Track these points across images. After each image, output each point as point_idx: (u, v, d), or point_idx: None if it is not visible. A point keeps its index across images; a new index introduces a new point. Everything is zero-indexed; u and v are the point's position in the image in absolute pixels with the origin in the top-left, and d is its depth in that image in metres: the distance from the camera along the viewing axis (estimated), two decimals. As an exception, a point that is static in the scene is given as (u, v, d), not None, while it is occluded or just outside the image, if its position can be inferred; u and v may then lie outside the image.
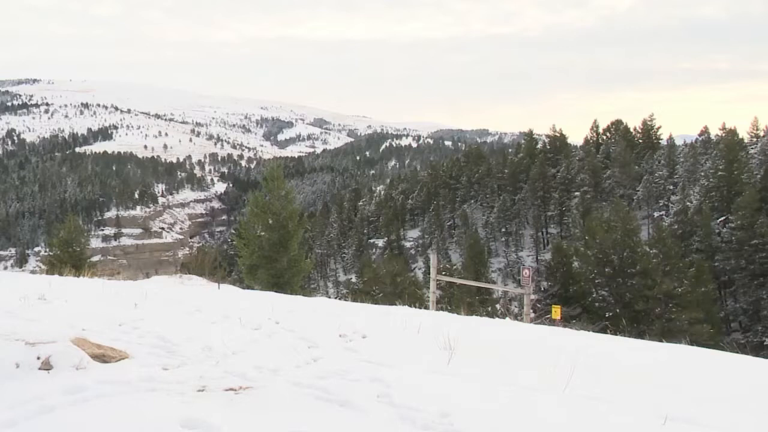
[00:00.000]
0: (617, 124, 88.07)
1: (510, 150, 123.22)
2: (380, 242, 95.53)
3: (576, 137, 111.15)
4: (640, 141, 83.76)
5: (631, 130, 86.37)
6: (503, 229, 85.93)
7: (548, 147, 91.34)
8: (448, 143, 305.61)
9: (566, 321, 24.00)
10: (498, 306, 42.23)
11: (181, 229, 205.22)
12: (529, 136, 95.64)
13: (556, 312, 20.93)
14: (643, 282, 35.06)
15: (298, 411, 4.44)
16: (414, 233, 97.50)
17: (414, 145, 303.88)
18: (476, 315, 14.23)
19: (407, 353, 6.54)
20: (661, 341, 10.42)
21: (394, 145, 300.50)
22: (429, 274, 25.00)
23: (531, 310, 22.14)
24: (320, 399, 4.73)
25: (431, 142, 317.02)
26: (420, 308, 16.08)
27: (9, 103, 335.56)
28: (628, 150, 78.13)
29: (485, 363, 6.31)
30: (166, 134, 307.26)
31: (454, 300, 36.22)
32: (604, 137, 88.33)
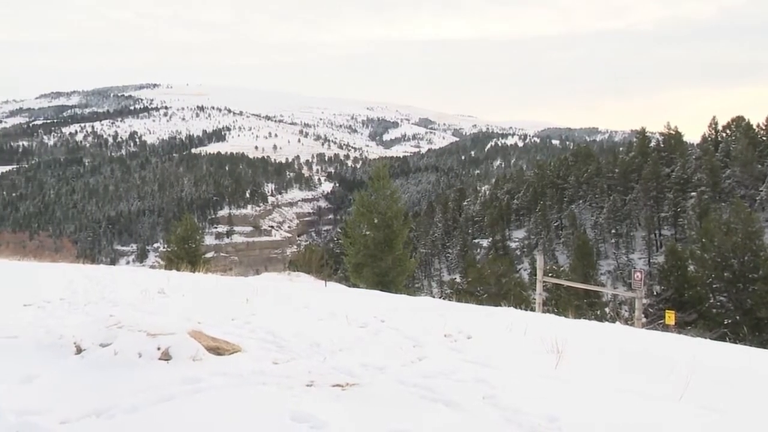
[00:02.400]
0: (738, 120, 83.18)
1: (621, 149, 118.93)
2: (485, 242, 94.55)
3: (692, 135, 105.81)
4: (764, 138, 78.85)
5: (754, 126, 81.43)
6: (613, 231, 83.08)
7: (662, 145, 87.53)
8: (555, 142, 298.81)
9: (681, 327, 22.96)
10: (607, 310, 40.95)
11: (289, 227, 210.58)
12: (642, 134, 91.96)
13: (670, 317, 20.07)
14: (766, 288, 33.07)
15: (404, 409, 4.46)
16: (519, 234, 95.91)
17: (520, 144, 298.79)
18: (584, 318, 13.85)
19: (513, 355, 6.44)
20: (786, 351, 9.77)
21: (500, 145, 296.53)
22: (535, 275, 24.54)
23: (643, 315, 21.33)
24: (425, 398, 4.73)
25: (538, 140, 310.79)
26: (526, 310, 15.82)
27: (132, 107, 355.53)
28: (751, 148, 73.70)
29: (594, 368, 6.13)
30: (276, 135, 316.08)
31: (561, 302, 35.40)
32: (724, 134, 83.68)
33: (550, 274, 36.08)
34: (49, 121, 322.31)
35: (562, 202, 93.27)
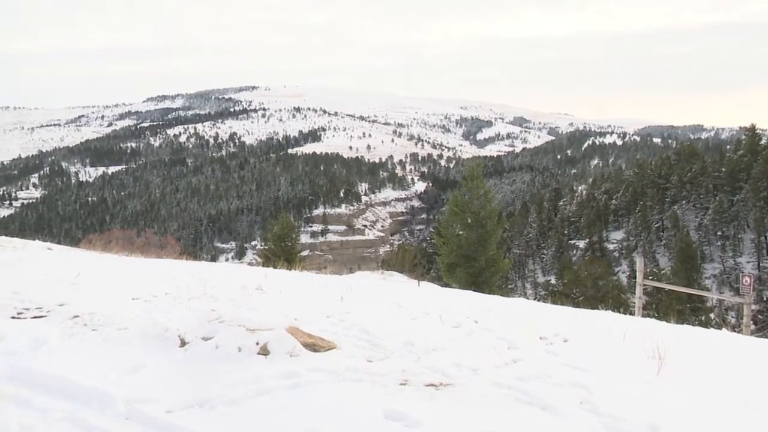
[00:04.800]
0: None
1: (728, 147, 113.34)
2: (581, 243, 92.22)
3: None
4: None
5: None
6: (719, 233, 79.32)
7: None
8: (656, 140, 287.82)
9: (793, 335, 21.68)
10: (712, 315, 39.18)
11: (382, 226, 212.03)
12: (751, 131, 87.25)
13: (782, 325, 18.97)
14: None
15: (498, 411, 4.41)
16: (618, 235, 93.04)
17: (619, 142, 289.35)
18: (687, 324, 13.28)
19: (611, 360, 6.26)
20: None
21: (598, 143, 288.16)
22: (634, 278, 23.76)
23: (751, 322, 20.27)
24: (520, 401, 4.67)
25: (638, 139, 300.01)
26: (624, 314, 15.32)
27: (231, 109, 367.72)
28: None
29: (699, 376, 5.87)
30: (370, 135, 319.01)
31: (662, 307, 34.13)
32: (843, 131, 78.46)
33: (650, 277, 34.82)
34: (155, 123, 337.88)
35: (664, 202, 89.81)
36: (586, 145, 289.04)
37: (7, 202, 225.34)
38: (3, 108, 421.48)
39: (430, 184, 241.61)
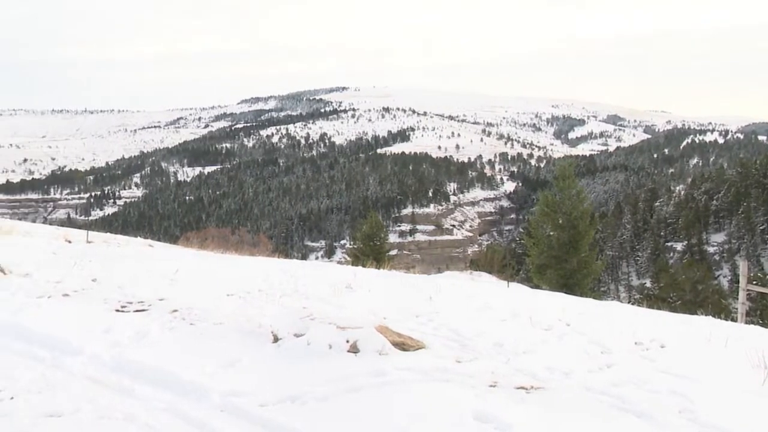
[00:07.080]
0: None
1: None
2: (678, 246, 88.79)
3: None
4: None
5: None
6: (830, 236, 74.90)
7: None
8: (762, 138, 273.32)
9: None
10: (822, 323, 36.85)
11: (470, 227, 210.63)
12: None
13: None
14: None
15: (591, 417, 4.31)
16: (718, 237, 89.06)
17: (720, 140, 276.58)
18: (795, 332, 12.56)
19: (712, 368, 5.99)
20: None
21: (697, 141, 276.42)
22: (736, 282, 22.70)
23: None
24: (614, 407, 4.54)
25: (741, 137, 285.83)
26: (725, 320, 14.65)
27: (322, 110, 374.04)
28: None
29: (809, 387, 5.54)
30: (459, 135, 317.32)
31: (767, 314, 32.43)
32: None
33: (754, 282, 33.10)
34: (248, 124, 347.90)
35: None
36: (684, 143, 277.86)
37: (112, 200, 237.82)
38: (108, 111, 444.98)
39: (520, 184, 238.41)
